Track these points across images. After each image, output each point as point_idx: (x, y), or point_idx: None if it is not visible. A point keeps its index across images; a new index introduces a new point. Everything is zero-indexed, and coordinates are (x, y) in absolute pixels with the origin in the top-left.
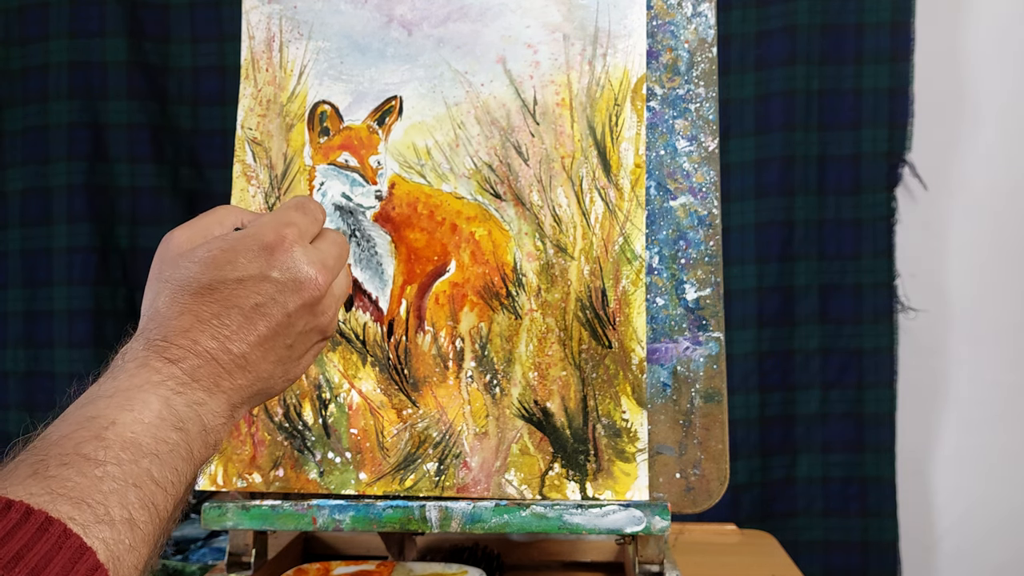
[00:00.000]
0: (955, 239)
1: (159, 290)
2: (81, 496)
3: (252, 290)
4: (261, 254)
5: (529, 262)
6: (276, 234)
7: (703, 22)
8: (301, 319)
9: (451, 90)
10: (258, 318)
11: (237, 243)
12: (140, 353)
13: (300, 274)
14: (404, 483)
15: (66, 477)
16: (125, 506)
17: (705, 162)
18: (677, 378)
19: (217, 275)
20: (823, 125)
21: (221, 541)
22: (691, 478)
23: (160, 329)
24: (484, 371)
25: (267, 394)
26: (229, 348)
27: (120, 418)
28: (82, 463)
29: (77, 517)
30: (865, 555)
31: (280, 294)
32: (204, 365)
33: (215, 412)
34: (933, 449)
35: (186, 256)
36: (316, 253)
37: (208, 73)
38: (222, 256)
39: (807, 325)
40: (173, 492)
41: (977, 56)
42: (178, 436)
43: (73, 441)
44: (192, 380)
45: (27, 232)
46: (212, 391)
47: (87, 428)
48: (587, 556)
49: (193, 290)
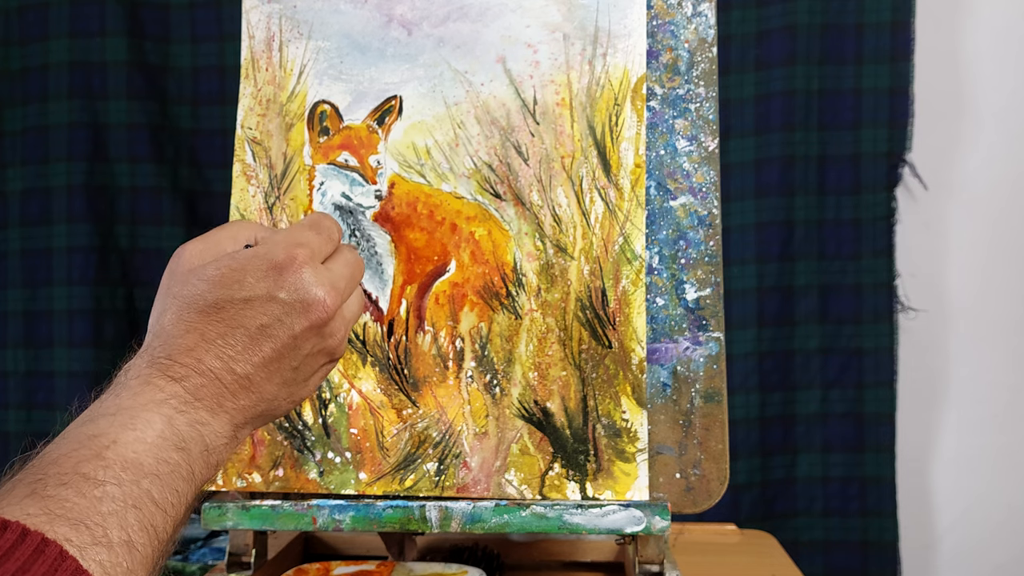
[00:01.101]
0: (955, 239)
1: (167, 306)
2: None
3: (259, 311)
4: (270, 274)
5: (529, 262)
6: (286, 254)
7: (703, 22)
8: (308, 341)
9: (451, 90)
10: (263, 339)
11: (247, 262)
12: (144, 370)
13: (308, 296)
14: (404, 483)
15: (64, 497)
16: (124, 528)
17: (705, 162)
18: (677, 378)
19: (224, 294)
20: (823, 125)
21: (221, 541)
22: (691, 478)
23: (165, 347)
24: (484, 371)
25: (271, 415)
26: (233, 368)
27: (121, 437)
28: (81, 483)
29: (74, 539)
30: (865, 555)
31: (287, 316)
32: (208, 384)
33: (217, 433)
34: (933, 449)
35: (195, 273)
36: (327, 274)
37: (208, 73)
38: (230, 275)
39: (807, 325)
40: (173, 513)
41: (977, 56)
42: (180, 456)
43: (72, 460)
44: (195, 399)
45: (27, 232)
46: (215, 411)
47: (87, 447)
48: (587, 556)
49: (199, 308)
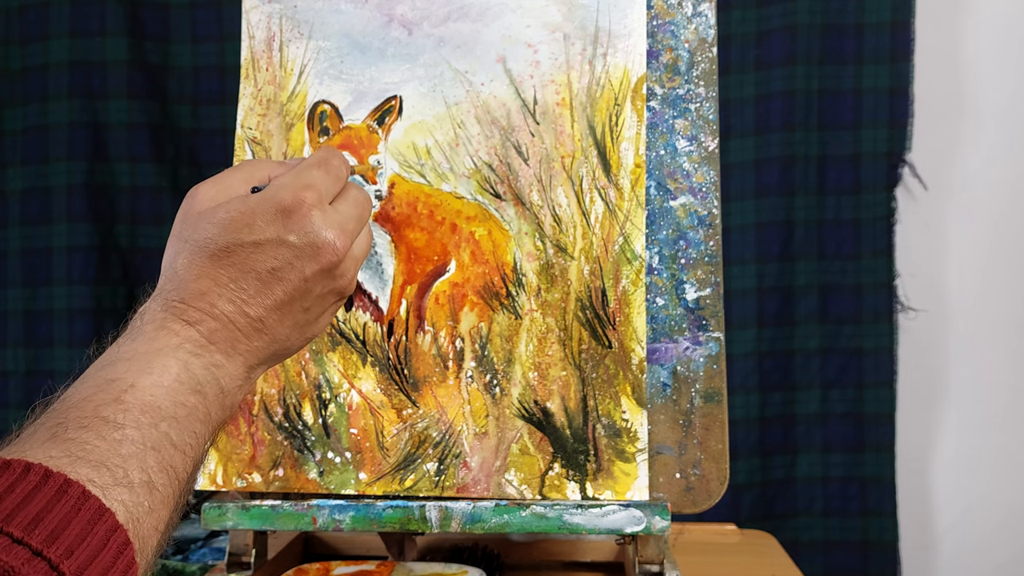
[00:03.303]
0: (955, 239)
1: (179, 250)
2: (100, 459)
3: (269, 254)
4: (278, 217)
5: (529, 262)
6: (294, 197)
7: (703, 22)
8: (319, 283)
9: (451, 90)
10: (275, 282)
11: (256, 205)
12: (158, 315)
13: (318, 239)
14: (404, 483)
15: (85, 440)
16: (144, 469)
17: (705, 162)
18: (677, 378)
19: (234, 238)
20: (823, 125)
21: (221, 541)
22: (691, 478)
23: (178, 291)
24: (484, 371)
25: (285, 354)
26: (246, 312)
27: (139, 381)
28: (101, 426)
29: (96, 479)
30: (865, 555)
31: (297, 259)
32: (221, 328)
33: (232, 375)
34: (933, 449)
35: (206, 216)
36: (335, 216)
37: (208, 73)
38: (240, 218)
39: (807, 325)
40: (192, 454)
41: (977, 56)
42: (196, 399)
43: (92, 404)
44: (210, 343)
45: (27, 232)
46: (229, 354)
47: (106, 391)
48: (587, 556)
49: (210, 252)
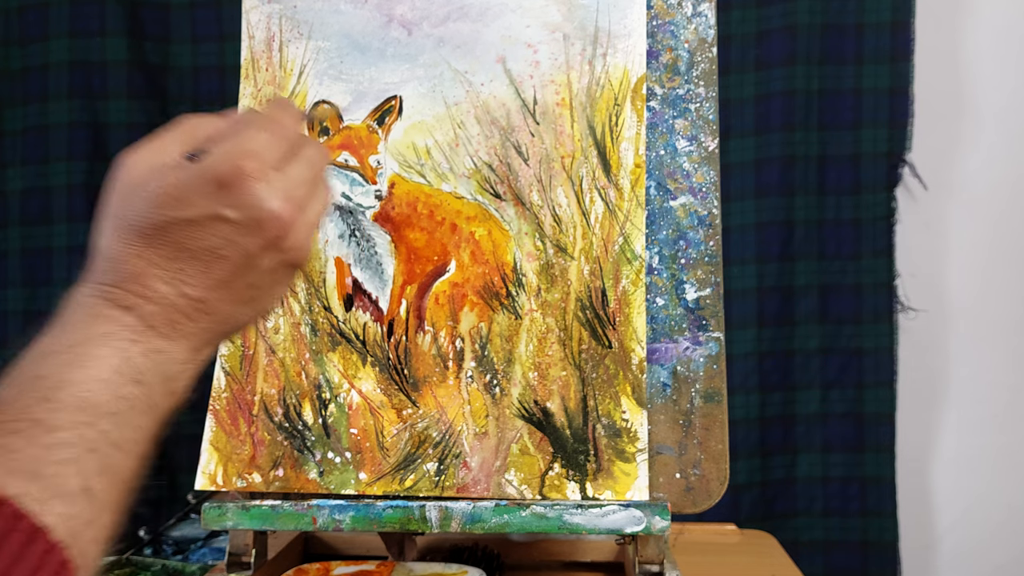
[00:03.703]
0: (955, 239)
1: (108, 227)
2: (33, 468)
3: (208, 231)
4: (215, 191)
5: (529, 262)
6: (232, 167)
7: (703, 22)
8: (264, 258)
9: (451, 90)
10: (213, 261)
11: (190, 178)
12: (89, 301)
13: (260, 212)
14: (404, 483)
15: (15, 447)
16: (82, 475)
17: (705, 162)
18: (677, 378)
19: (167, 215)
20: (823, 125)
21: (221, 541)
22: (691, 478)
23: (110, 274)
24: (484, 371)
25: (234, 331)
26: (186, 292)
27: (73, 376)
28: (33, 429)
29: (31, 492)
30: (865, 555)
31: (238, 235)
32: (160, 312)
33: (176, 359)
34: (933, 449)
35: (137, 189)
36: (281, 182)
37: (208, 73)
38: (173, 192)
39: (807, 325)
40: (136, 450)
41: (977, 56)
42: (138, 390)
43: (21, 405)
44: (148, 327)
45: (27, 232)
46: (172, 337)
47: (36, 389)
48: (587, 556)
49: (142, 230)
